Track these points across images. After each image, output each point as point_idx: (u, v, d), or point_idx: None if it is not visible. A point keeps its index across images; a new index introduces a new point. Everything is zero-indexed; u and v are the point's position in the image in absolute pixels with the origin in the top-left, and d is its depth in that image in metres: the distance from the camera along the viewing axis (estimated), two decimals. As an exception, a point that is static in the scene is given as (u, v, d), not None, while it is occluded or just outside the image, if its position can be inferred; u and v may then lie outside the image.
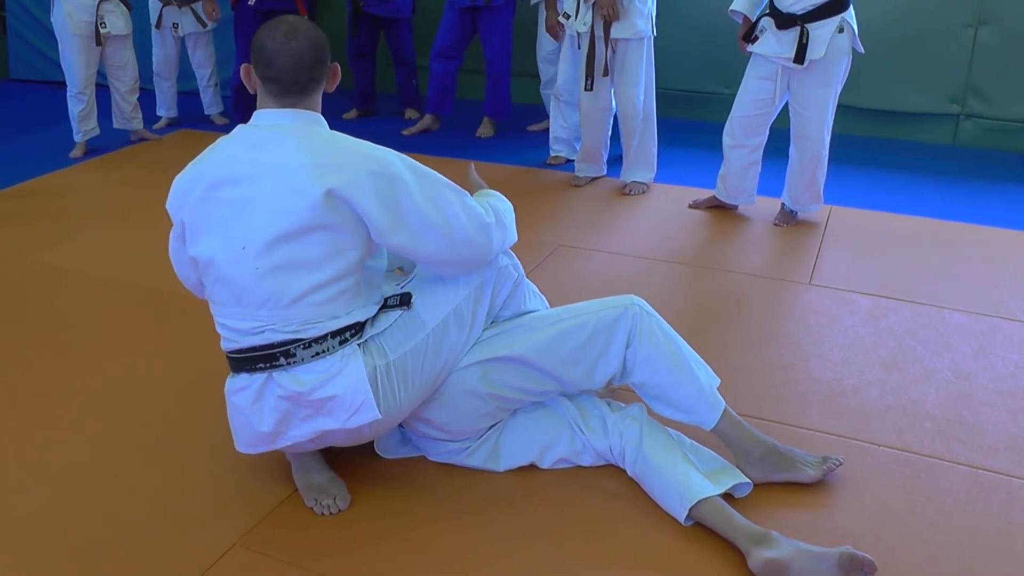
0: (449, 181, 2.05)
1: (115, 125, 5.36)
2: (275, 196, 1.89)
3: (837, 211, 4.07)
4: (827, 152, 3.76)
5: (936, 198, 4.35)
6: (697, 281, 3.43)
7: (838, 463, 2.19)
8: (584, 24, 4.15)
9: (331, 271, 1.94)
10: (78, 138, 5.13)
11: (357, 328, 2.00)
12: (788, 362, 2.81)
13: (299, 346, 1.95)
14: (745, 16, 3.74)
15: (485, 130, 5.53)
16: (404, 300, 2.07)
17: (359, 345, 2.00)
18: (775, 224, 3.92)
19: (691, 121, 5.59)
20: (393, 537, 2.05)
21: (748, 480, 2.12)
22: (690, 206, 4.16)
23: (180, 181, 2.01)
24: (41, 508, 2.15)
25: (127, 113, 5.33)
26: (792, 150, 3.81)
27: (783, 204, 3.95)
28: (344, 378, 1.96)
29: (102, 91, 5.23)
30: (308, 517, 2.10)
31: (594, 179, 4.58)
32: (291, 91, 1.97)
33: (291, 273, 1.92)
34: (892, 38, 5.09)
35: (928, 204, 4.24)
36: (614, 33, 4.11)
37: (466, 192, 2.09)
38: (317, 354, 1.96)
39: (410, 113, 5.92)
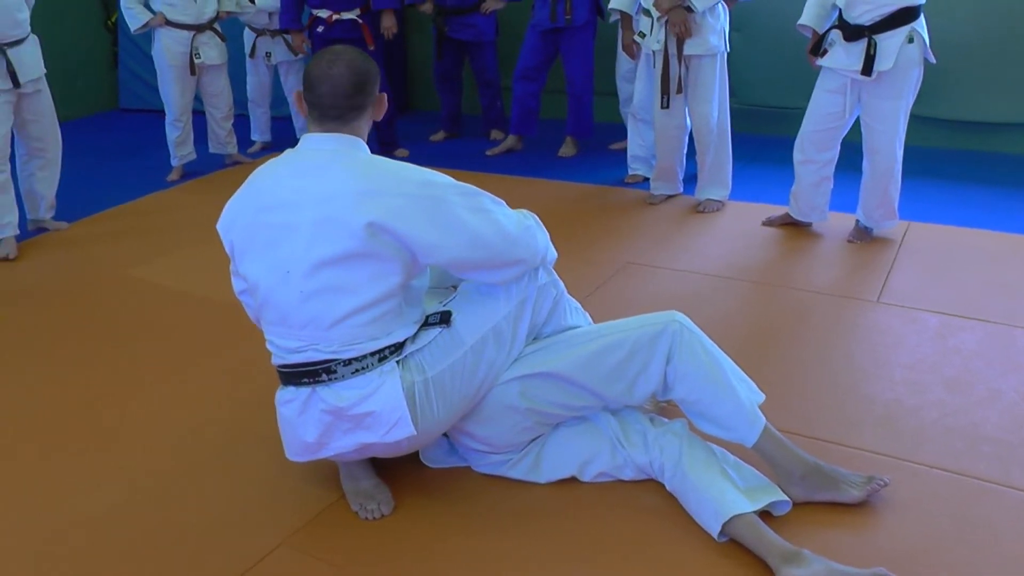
0: (485, 191, 2.12)
1: (211, 150, 5.64)
2: (316, 224, 1.98)
3: (915, 227, 3.96)
4: (900, 167, 3.68)
5: (1022, 212, 4.19)
6: (762, 299, 3.40)
7: (883, 483, 2.15)
8: (658, 42, 4.18)
9: (372, 295, 2.01)
10: (175, 162, 5.44)
11: (396, 347, 2.08)
12: (847, 381, 2.77)
13: (340, 364, 2.04)
14: (814, 29, 3.70)
15: (567, 150, 5.58)
16: (444, 318, 2.14)
17: (398, 362, 2.08)
18: (849, 241, 3.85)
19: (770, 137, 5.52)
20: (433, 544, 2.12)
21: (787, 498, 2.11)
22: (763, 223, 4.12)
23: (231, 204, 2.14)
24: (105, 504, 2.32)
25: (222, 138, 5.60)
26: (865, 164, 3.75)
27: (857, 220, 3.88)
28: (382, 395, 2.04)
29: (199, 117, 5.52)
30: (353, 521, 2.20)
31: (670, 197, 4.58)
32: (330, 116, 2.07)
33: (333, 297, 2.01)
34: (975, 46, 4.94)
35: (1015, 220, 4.08)
36: (687, 50, 4.12)
37: (502, 201, 2.15)
38: (357, 371, 2.05)
39: (495, 134, 6.01)
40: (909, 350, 2.94)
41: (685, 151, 4.50)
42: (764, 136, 5.57)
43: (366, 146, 2.12)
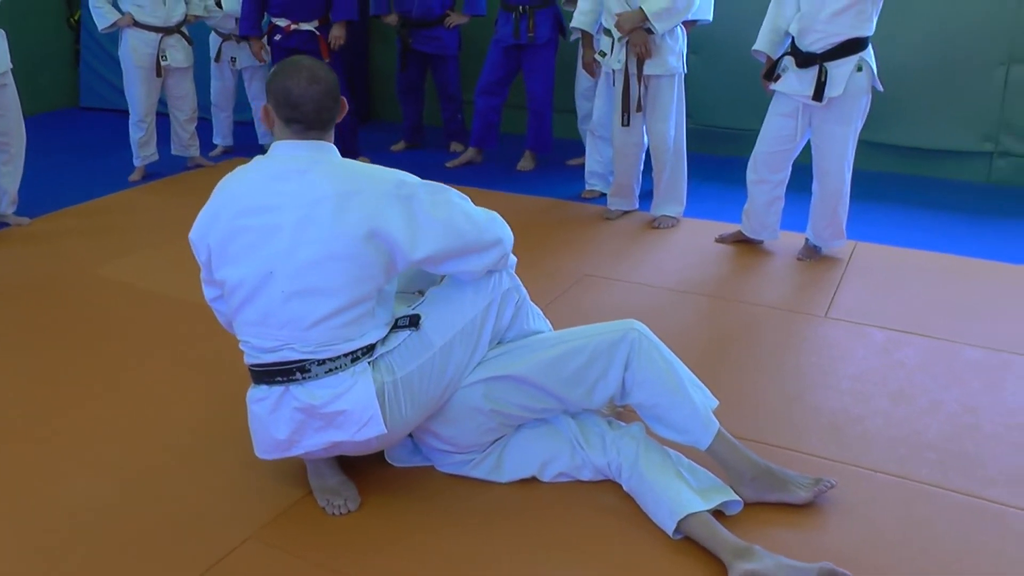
0: (451, 188, 2.24)
1: (173, 151, 5.65)
2: (299, 225, 2.05)
3: (862, 247, 4.12)
4: (848, 188, 3.84)
5: (967, 236, 4.37)
6: (715, 312, 3.52)
7: (830, 485, 2.27)
8: (618, 61, 4.29)
9: (351, 297, 2.09)
10: (137, 163, 5.44)
11: (368, 348, 2.15)
12: (795, 390, 2.89)
13: (314, 363, 2.11)
14: (768, 55, 3.84)
15: (526, 164, 5.68)
16: (413, 321, 2.22)
17: (369, 363, 2.15)
18: (798, 259, 3.99)
19: (725, 157, 5.68)
20: (399, 539, 2.18)
21: (738, 499, 2.21)
22: (717, 240, 4.25)
23: (206, 212, 2.19)
24: (72, 500, 2.35)
25: (185, 141, 5.61)
26: (815, 186, 3.90)
27: (807, 239, 4.03)
28: (354, 394, 2.11)
29: (163, 119, 5.53)
30: (320, 516, 2.26)
31: (626, 212, 4.69)
32: (315, 127, 2.16)
33: (313, 298, 2.08)
34: (924, 75, 5.15)
35: (958, 242, 4.26)
36: (647, 70, 4.24)
37: (467, 197, 2.26)
38: (330, 371, 2.11)
39: (455, 146, 6.09)
40: (855, 363, 3.07)
41: (642, 168, 4.62)
42: (719, 156, 5.73)
43: (336, 150, 2.21)
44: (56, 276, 3.92)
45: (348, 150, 5.61)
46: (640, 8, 4.10)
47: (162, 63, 5.24)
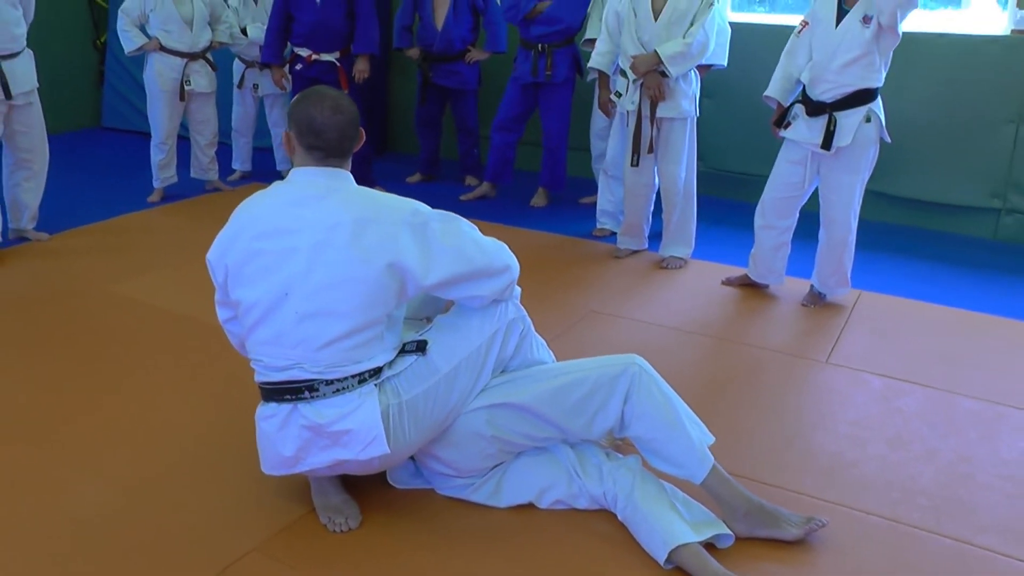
0: (462, 218, 2.31)
1: (192, 174, 5.76)
2: (316, 249, 2.13)
3: (867, 296, 4.17)
4: (854, 237, 3.89)
5: (971, 290, 4.42)
6: (717, 352, 3.57)
7: (821, 524, 2.31)
8: (632, 103, 4.38)
9: (361, 320, 2.16)
10: (156, 184, 5.55)
11: (376, 371, 2.21)
12: (792, 432, 2.93)
13: (322, 383, 2.18)
14: (779, 102, 3.93)
15: (539, 200, 5.75)
16: (420, 346, 2.29)
17: (376, 385, 2.21)
18: (803, 304, 4.04)
19: (735, 202, 5.74)
20: (397, 557, 2.23)
21: (730, 533, 2.26)
22: (723, 283, 4.31)
23: (224, 235, 2.27)
24: (78, 509, 2.42)
25: (204, 164, 5.72)
26: (821, 233, 3.96)
27: (812, 286, 4.08)
28: (360, 415, 2.18)
29: (184, 142, 5.64)
30: (321, 533, 2.32)
31: (635, 252, 4.76)
32: (335, 155, 2.25)
33: (326, 320, 2.15)
34: (933, 129, 5.20)
35: (962, 296, 4.31)
36: (659, 112, 4.33)
37: (476, 227, 2.34)
38: (338, 391, 2.18)
39: (470, 180, 6.17)
40: (854, 408, 3.11)
41: (652, 209, 4.69)
42: (729, 200, 5.80)
43: (352, 177, 2.29)
44: (70, 291, 4.01)
45: (363, 179, 5.66)
46: (655, 51, 4.20)
47: (185, 88, 5.38)
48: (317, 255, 2.13)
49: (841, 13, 3.66)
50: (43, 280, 4.15)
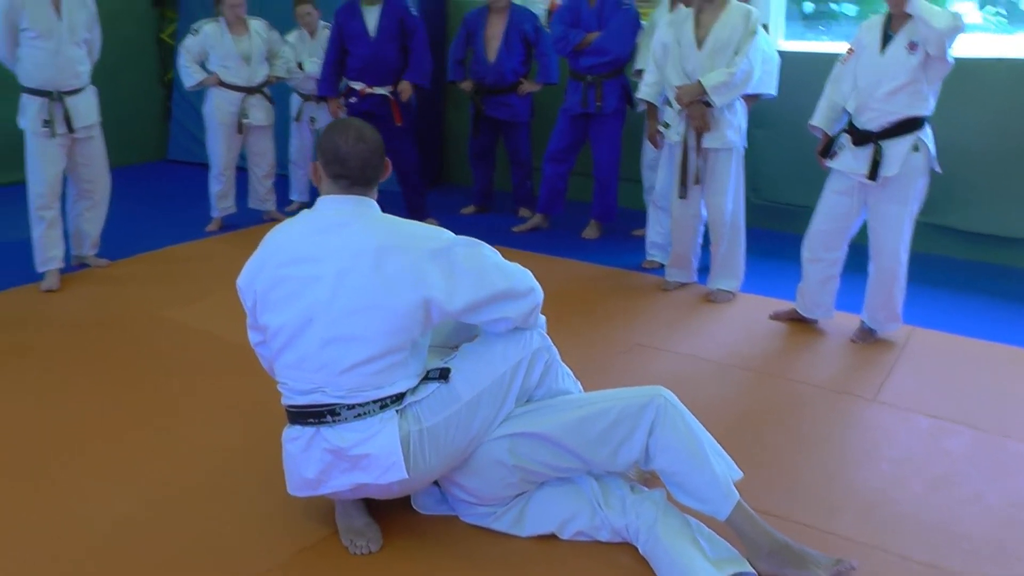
0: (484, 243, 2.33)
1: (250, 205, 5.90)
2: (340, 276, 2.16)
3: (919, 332, 4.05)
4: (904, 271, 3.79)
5: (1029, 327, 4.27)
6: (760, 387, 3.50)
7: (850, 567, 2.23)
8: (678, 134, 4.36)
9: (384, 346, 2.18)
10: (215, 214, 5.71)
11: (398, 397, 2.23)
12: (831, 470, 2.85)
13: (344, 407, 2.20)
14: (824, 131, 3.86)
15: (591, 232, 5.74)
16: (443, 374, 2.30)
17: (397, 411, 2.22)
18: (852, 340, 3.94)
19: (789, 234, 5.63)
20: (413, 582, 2.23)
21: (753, 572, 2.20)
22: (770, 317, 4.23)
23: (252, 262, 2.32)
24: (110, 520, 2.51)
25: (262, 195, 5.86)
26: (870, 267, 3.87)
27: (862, 321, 3.98)
28: (379, 440, 2.19)
29: (242, 174, 5.80)
30: (342, 555, 2.35)
31: (683, 285, 4.70)
32: (359, 183, 2.28)
33: (348, 345, 2.18)
34: (987, 158, 5.03)
35: (1017, 332, 4.14)
36: (705, 143, 4.30)
37: (498, 252, 2.34)
38: (359, 415, 2.20)
39: (523, 212, 6.19)
40: (898, 447, 3.02)
41: (700, 241, 4.65)
42: (782, 232, 5.70)
43: (377, 206, 2.31)
44: (124, 315, 4.15)
45: (417, 211, 5.80)
46: (698, 81, 4.17)
47: (243, 121, 5.52)
48: (340, 282, 2.16)
49: (886, 39, 3.60)
50: (100, 304, 4.30)
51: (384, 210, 2.33)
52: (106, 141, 4.67)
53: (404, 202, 5.81)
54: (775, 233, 5.68)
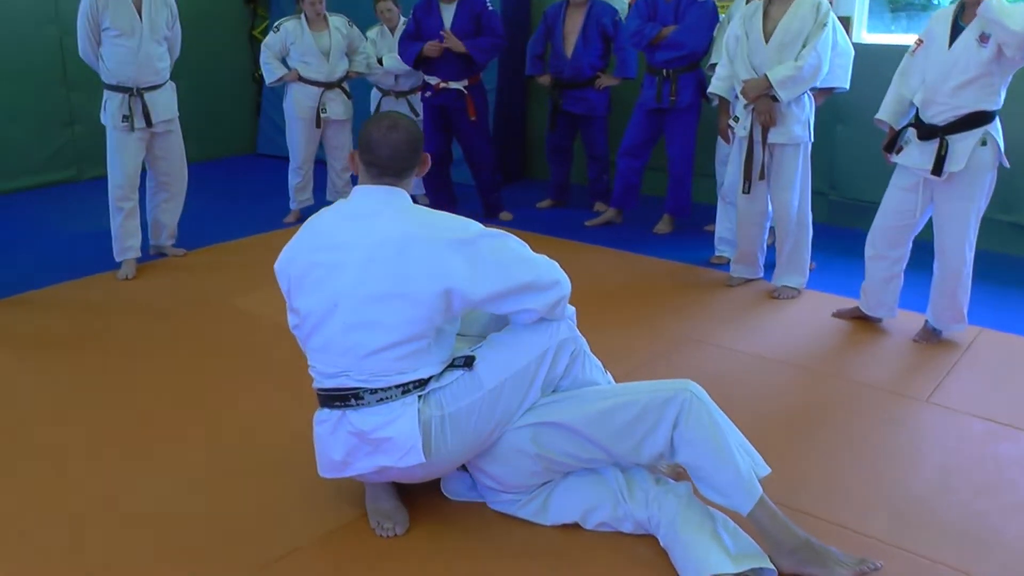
0: (512, 235, 2.38)
1: (328, 197, 6.07)
2: (365, 263, 2.24)
3: (987, 333, 3.92)
4: (970, 269, 3.67)
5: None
6: (810, 385, 3.45)
7: (874, 567, 2.21)
8: (744, 128, 4.31)
9: (406, 333, 2.25)
10: (293, 206, 5.92)
11: (421, 382, 2.30)
12: (873, 471, 2.81)
13: (367, 392, 2.28)
14: (890, 125, 3.77)
15: (663, 227, 5.72)
16: (468, 362, 2.35)
17: (420, 397, 2.29)
18: (915, 340, 3.84)
19: (866, 231, 5.50)
20: (436, 565, 2.31)
21: (773, 567, 2.19)
22: (833, 315, 4.15)
23: (289, 247, 2.43)
24: (157, 489, 2.70)
25: (339, 187, 6.03)
26: (935, 265, 3.76)
27: (926, 321, 3.87)
28: (400, 424, 2.27)
29: (321, 167, 5.98)
30: (369, 536, 2.44)
31: (749, 281, 4.65)
32: (389, 172, 2.34)
33: (371, 331, 2.25)
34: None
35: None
36: (771, 138, 4.24)
37: (527, 244, 2.38)
38: (381, 399, 2.28)
39: (599, 206, 6.17)
40: (945, 451, 2.94)
41: (766, 236, 4.59)
42: (862, 230, 5.54)
43: (409, 197, 2.38)
44: (196, 302, 4.35)
45: (492, 206, 5.87)
46: (765, 75, 4.12)
47: (322, 115, 5.69)
48: (365, 269, 2.23)
49: (956, 31, 3.48)
50: (173, 292, 4.51)
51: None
52: (198, 135, 4.92)
53: (479, 197, 5.91)
54: (853, 231, 5.54)
